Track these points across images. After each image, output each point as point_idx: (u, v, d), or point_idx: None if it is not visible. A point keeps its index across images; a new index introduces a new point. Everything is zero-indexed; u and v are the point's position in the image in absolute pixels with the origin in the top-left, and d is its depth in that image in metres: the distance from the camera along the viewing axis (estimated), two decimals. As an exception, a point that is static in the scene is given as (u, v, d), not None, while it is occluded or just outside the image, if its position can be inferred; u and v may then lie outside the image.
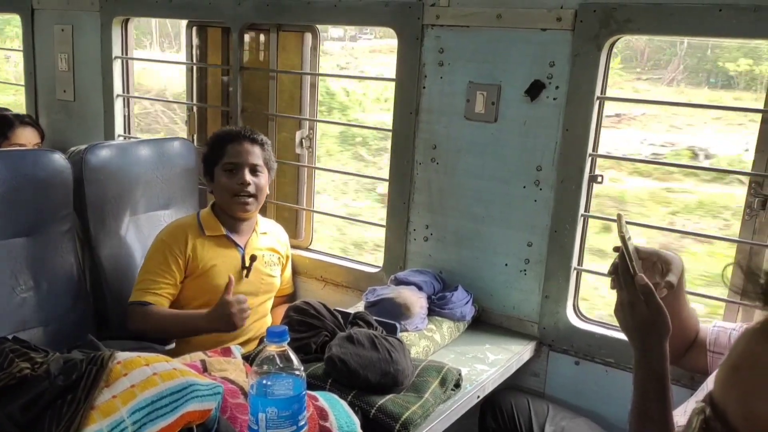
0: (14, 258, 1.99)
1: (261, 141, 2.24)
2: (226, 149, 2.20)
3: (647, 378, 1.25)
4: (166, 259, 2.14)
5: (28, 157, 2.08)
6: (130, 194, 2.37)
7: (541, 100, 1.99)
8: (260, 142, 2.24)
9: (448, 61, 2.13)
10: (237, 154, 2.19)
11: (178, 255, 2.14)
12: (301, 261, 2.57)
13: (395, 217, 2.32)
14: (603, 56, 1.90)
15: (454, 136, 2.16)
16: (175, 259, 2.14)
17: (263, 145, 2.25)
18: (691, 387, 1.74)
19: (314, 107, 2.72)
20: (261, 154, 2.23)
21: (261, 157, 2.22)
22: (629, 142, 3.65)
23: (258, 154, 2.22)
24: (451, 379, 1.64)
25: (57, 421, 0.99)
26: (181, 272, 2.15)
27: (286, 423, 1.12)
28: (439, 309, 2.04)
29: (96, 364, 1.07)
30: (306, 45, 2.69)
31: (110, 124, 3.07)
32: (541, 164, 2.02)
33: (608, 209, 2.71)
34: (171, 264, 2.14)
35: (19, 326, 1.97)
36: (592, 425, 1.91)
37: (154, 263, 2.15)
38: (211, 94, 3.01)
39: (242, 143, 2.20)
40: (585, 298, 2.15)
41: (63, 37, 3.17)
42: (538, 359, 2.11)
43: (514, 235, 2.10)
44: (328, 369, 1.53)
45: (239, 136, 2.21)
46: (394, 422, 1.43)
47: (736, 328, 1.59)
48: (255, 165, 2.20)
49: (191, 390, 1.09)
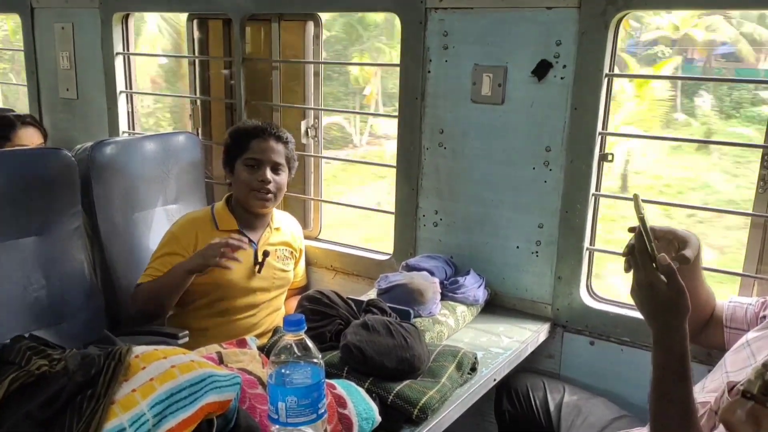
0: (25, 258, 1.99)
1: (286, 139, 2.23)
2: (251, 144, 2.18)
3: (667, 359, 1.23)
4: (173, 251, 2.14)
5: (35, 156, 2.07)
6: (138, 190, 2.37)
7: (548, 80, 1.97)
8: (285, 140, 2.22)
9: (452, 44, 2.11)
10: (261, 151, 2.17)
11: (186, 249, 2.14)
12: (310, 251, 2.56)
13: (404, 204, 2.31)
14: (610, 33, 1.87)
15: (461, 120, 2.14)
16: (182, 253, 2.13)
17: (287, 143, 2.23)
18: (708, 363, 1.73)
19: (319, 96, 2.70)
20: (284, 152, 2.21)
21: (284, 155, 2.21)
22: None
23: (281, 152, 2.20)
24: (467, 363, 1.64)
25: (78, 417, 0.99)
26: None
27: (306, 411, 1.12)
28: (451, 294, 2.03)
29: (114, 359, 1.07)
30: (308, 34, 2.67)
31: (114, 121, 3.06)
32: (550, 145, 2.01)
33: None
34: (177, 257, 2.13)
35: (32, 325, 1.97)
36: (609, 404, 1.90)
37: (161, 254, 2.16)
38: (214, 87, 3.00)
39: (267, 140, 2.19)
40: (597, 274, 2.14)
41: (63, 35, 3.16)
42: (552, 341, 2.11)
43: (525, 218, 2.09)
44: (344, 357, 1.53)
45: (265, 133, 2.19)
46: (412, 407, 1.42)
47: (753, 303, 1.58)
48: (277, 163, 2.19)
49: (210, 381, 1.09)
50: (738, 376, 1.33)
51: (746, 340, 1.43)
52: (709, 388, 1.40)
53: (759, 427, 0.62)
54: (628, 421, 1.79)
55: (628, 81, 8.57)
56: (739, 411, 0.64)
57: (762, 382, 0.61)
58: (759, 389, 0.61)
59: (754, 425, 0.63)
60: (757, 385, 0.62)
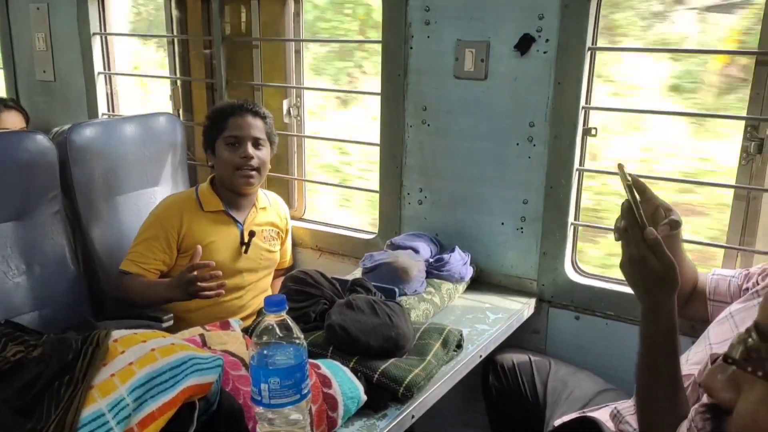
0: (4, 243, 1.97)
1: (263, 114, 2.20)
2: (228, 122, 2.16)
3: (656, 333, 1.23)
4: (156, 235, 2.12)
5: (11, 139, 2.03)
6: (118, 173, 2.33)
7: (531, 55, 1.95)
8: (262, 115, 2.20)
9: (434, 19, 2.08)
10: (239, 128, 2.15)
11: (170, 232, 2.12)
12: (296, 231, 2.55)
13: (388, 182, 2.30)
14: (593, 6, 1.85)
15: (444, 97, 2.12)
16: (166, 236, 2.11)
17: (265, 118, 2.21)
18: (692, 335, 1.73)
19: (300, 75, 2.66)
20: (263, 127, 2.19)
21: (263, 130, 2.19)
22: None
23: (260, 127, 2.18)
24: (452, 340, 1.64)
25: (56, 403, 0.97)
26: (173, 250, 2.13)
27: (289, 392, 1.11)
28: (437, 271, 2.02)
29: (92, 344, 1.05)
30: (288, 11, 2.63)
31: (93, 103, 3.01)
32: (534, 120, 1.99)
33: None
34: (161, 241, 2.11)
35: (13, 311, 1.94)
36: (595, 378, 1.91)
37: (145, 237, 2.14)
38: (194, 67, 2.95)
39: (245, 116, 2.16)
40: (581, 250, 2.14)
41: (39, 16, 3.09)
42: (538, 316, 2.11)
43: (509, 194, 2.08)
44: (329, 336, 1.52)
45: (241, 109, 2.17)
46: (397, 386, 1.42)
47: (736, 276, 1.58)
48: (257, 138, 2.17)
49: (191, 364, 1.07)
50: (721, 347, 1.33)
51: (729, 312, 1.44)
52: (692, 361, 1.41)
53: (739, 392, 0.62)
54: (614, 394, 1.80)
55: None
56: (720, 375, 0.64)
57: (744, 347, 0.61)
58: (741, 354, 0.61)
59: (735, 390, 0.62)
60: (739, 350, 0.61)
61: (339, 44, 2.84)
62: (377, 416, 1.40)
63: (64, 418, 0.95)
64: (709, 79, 1.99)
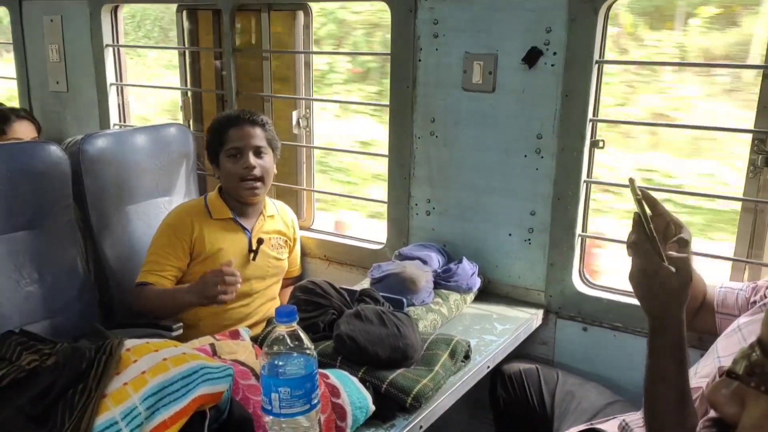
0: (17, 252, 1.99)
1: (262, 122, 2.22)
2: (228, 134, 2.18)
3: (665, 344, 1.22)
4: (170, 243, 2.14)
5: (25, 150, 2.06)
6: (129, 182, 2.36)
7: (538, 68, 1.97)
8: (261, 122, 2.21)
9: (443, 32, 2.10)
10: (239, 138, 2.17)
11: (183, 239, 2.14)
12: (304, 241, 2.56)
13: (396, 193, 2.31)
14: (600, 19, 1.87)
15: (452, 108, 2.14)
16: (180, 242, 2.14)
17: (264, 125, 2.22)
18: (700, 348, 1.74)
19: (309, 86, 2.69)
20: (263, 135, 2.20)
21: (264, 138, 2.20)
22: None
23: (260, 136, 2.19)
24: (460, 351, 1.64)
25: (70, 411, 0.99)
26: (186, 256, 2.15)
27: (299, 402, 1.12)
28: (444, 282, 2.03)
29: (105, 353, 1.07)
30: (298, 24, 2.66)
31: (105, 114, 3.05)
32: (542, 132, 2.00)
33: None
34: (176, 247, 2.13)
35: (25, 320, 1.96)
36: (602, 390, 1.91)
37: (158, 246, 2.16)
38: (205, 78, 2.98)
39: (243, 127, 2.18)
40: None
41: (52, 27, 3.13)
42: (545, 327, 2.11)
43: (517, 205, 2.09)
44: (338, 347, 1.53)
45: (239, 120, 2.19)
46: (405, 396, 1.43)
47: (743, 288, 1.59)
48: (259, 147, 2.18)
49: (202, 373, 1.09)
50: (729, 361, 1.32)
51: (738, 325, 1.44)
52: (701, 374, 1.41)
53: (743, 407, 0.63)
54: (622, 406, 1.80)
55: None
56: (724, 390, 0.65)
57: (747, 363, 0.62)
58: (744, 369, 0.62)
59: (739, 405, 0.63)
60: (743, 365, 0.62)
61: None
62: (385, 426, 1.41)
63: (77, 426, 0.96)
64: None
